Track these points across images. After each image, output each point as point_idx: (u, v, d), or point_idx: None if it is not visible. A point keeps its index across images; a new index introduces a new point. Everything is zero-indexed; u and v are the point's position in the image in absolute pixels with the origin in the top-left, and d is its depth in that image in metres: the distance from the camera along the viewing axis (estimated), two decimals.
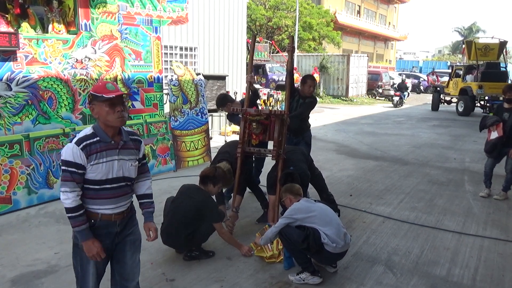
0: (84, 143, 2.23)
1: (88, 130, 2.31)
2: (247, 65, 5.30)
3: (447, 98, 18.29)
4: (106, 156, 2.29)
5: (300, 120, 5.17)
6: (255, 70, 19.07)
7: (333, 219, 3.42)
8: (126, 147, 2.39)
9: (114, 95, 2.23)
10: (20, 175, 4.95)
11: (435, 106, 18.33)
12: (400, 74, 30.59)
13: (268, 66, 20.56)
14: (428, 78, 27.55)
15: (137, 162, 2.47)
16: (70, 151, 2.22)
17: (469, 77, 16.34)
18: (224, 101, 5.21)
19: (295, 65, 22.28)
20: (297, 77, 19.78)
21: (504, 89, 5.54)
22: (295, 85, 5.97)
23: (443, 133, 11.71)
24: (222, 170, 4.03)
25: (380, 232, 4.48)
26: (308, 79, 5.22)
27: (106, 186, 2.33)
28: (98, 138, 2.27)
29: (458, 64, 24.31)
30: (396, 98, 19.59)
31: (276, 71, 20.39)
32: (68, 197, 2.23)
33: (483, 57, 16.37)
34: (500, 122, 5.42)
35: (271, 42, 21.10)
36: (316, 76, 21.38)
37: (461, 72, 16.90)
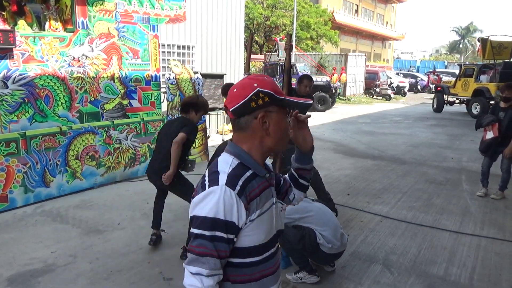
0: (241, 183, 1.28)
1: (228, 158, 1.36)
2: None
3: (451, 99, 17.02)
4: (266, 200, 1.37)
5: None
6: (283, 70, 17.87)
7: (330, 220, 3.41)
8: (273, 181, 1.50)
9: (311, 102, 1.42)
10: (16, 174, 4.92)
11: (439, 107, 17.09)
12: (398, 74, 30.66)
13: (298, 65, 18.89)
14: (429, 77, 27.42)
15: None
16: (216, 200, 1.23)
17: (483, 77, 15.24)
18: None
19: (334, 65, 22.21)
20: (336, 77, 19.35)
21: (502, 88, 5.52)
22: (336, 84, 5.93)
23: (440, 132, 11.74)
24: (204, 100, 4.13)
25: (377, 231, 4.48)
26: (304, 78, 5.19)
27: (267, 254, 1.38)
28: (251, 171, 1.34)
29: (467, 63, 23.95)
30: None
31: (303, 70, 18.57)
32: (203, 286, 1.23)
33: (497, 56, 15.24)
34: (496, 122, 5.42)
35: (282, 38, 20.24)
36: (344, 76, 21.09)
37: (468, 72, 15.85)
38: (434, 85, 19.15)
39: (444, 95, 17.02)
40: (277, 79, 17.00)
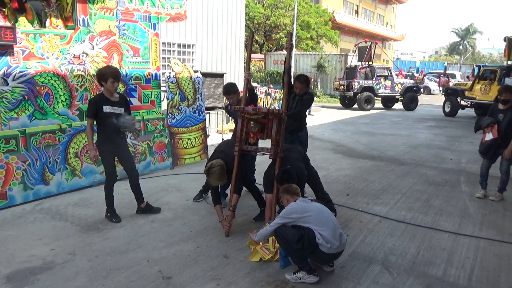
0: None
1: None
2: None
3: (463, 103, 15.91)
4: None
5: (295, 119, 5.13)
6: (373, 72, 18.04)
7: (329, 220, 3.41)
8: None
9: None
10: (16, 171, 4.91)
11: (453, 111, 16.07)
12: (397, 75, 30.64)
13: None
14: (439, 79, 27.22)
15: None
16: None
17: (509, 80, 13.78)
18: (235, 87, 5.12)
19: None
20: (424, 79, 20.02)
21: (500, 90, 5.55)
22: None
23: (440, 133, 11.75)
24: (108, 67, 4.46)
25: (376, 232, 4.48)
26: (296, 80, 5.11)
27: None
28: None
29: (487, 64, 23.29)
30: None
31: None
32: None
33: None
34: (495, 124, 5.42)
35: (375, 42, 19.44)
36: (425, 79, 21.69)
37: (488, 74, 14.62)
38: (446, 88, 17.82)
39: (458, 98, 15.92)
40: (373, 82, 17.83)
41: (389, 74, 18.39)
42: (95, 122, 4.41)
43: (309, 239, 3.26)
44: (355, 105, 18.19)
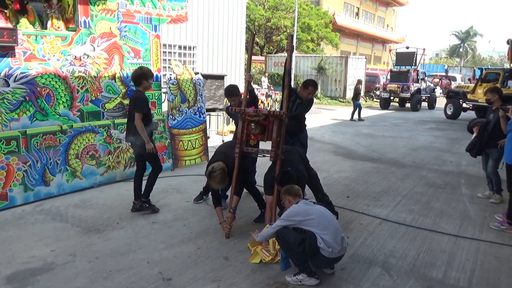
0: None
1: None
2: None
3: (465, 105, 15.93)
4: None
5: (296, 121, 5.14)
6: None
7: (331, 223, 3.40)
8: None
9: None
10: (16, 172, 4.92)
11: (455, 113, 16.15)
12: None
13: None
14: (441, 81, 27.20)
15: None
16: None
17: None
18: (237, 90, 5.12)
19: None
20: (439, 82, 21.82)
21: (485, 91, 5.78)
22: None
23: (440, 136, 11.76)
24: (146, 68, 4.76)
25: (377, 234, 4.48)
26: (310, 85, 5.16)
27: None
28: None
29: (489, 67, 23.68)
30: None
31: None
32: None
33: None
34: (480, 124, 5.70)
35: (423, 49, 20.39)
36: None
37: (491, 77, 14.60)
38: (448, 90, 17.90)
39: (460, 100, 15.98)
40: (420, 85, 19.56)
41: (425, 77, 21.02)
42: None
43: (311, 243, 3.26)
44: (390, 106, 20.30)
